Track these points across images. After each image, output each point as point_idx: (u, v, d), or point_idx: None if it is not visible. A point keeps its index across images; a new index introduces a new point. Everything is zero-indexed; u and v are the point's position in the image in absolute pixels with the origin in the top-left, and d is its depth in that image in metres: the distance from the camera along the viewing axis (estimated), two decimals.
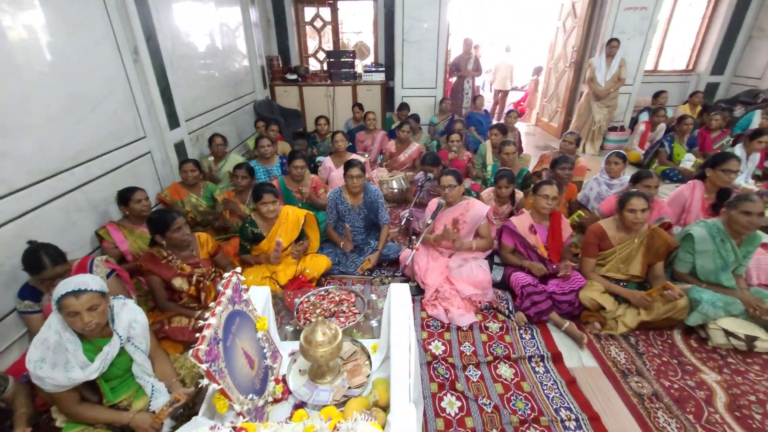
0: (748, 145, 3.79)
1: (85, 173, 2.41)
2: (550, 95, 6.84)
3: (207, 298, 2.27)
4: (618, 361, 2.06)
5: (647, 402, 1.82)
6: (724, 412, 1.77)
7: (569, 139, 3.73)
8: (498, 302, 2.47)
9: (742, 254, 2.23)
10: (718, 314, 2.11)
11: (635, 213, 2.22)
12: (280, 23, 6.31)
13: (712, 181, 2.69)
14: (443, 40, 5.59)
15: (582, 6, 5.69)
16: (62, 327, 1.47)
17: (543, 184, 2.48)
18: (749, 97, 5.89)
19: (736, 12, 6.09)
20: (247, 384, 1.21)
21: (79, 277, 1.47)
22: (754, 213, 2.08)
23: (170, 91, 3.22)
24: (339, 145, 3.71)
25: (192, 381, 1.77)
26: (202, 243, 2.33)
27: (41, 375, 1.41)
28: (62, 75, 2.27)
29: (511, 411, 1.78)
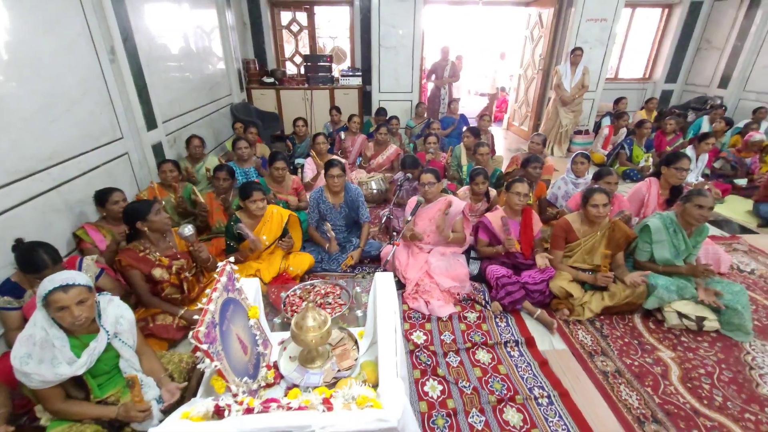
0: (697, 146, 4.14)
1: (61, 173, 2.37)
2: (520, 101, 7.15)
3: (191, 292, 2.28)
4: (585, 343, 2.23)
5: (611, 378, 1.99)
6: (677, 384, 1.95)
7: (536, 141, 3.96)
8: (475, 294, 2.60)
9: (692, 244, 2.46)
10: (672, 298, 2.32)
11: (597, 207, 2.41)
12: (256, 26, 6.32)
13: (666, 178, 2.93)
14: (418, 46, 5.77)
15: (548, 16, 6.02)
16: (48, 323, 1.47)
17: (515, 181, 2.65)
18: (699, 103, 6.39)
19: (686, 25, 6.60)
20: (241, 368, 1.27)
21: (65, 273, 1.48)
22: (705, 206, 2.30)
23: (147, 92, 3.20)
24: (320, 147, 3.77)
25: (180, 376, 1.80)
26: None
27: (27, 371, 1.40)
28: (37, 74, 2.24)
29: (489, 392, 1.90)
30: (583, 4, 5.49)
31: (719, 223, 3.78)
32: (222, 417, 0.84)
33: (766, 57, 5.68)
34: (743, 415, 1.79)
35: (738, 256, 3.16)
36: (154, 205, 2.14)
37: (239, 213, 2.62)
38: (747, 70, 5.92)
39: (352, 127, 4.76)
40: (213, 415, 0.85)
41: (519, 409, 1.81)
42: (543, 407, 1.82)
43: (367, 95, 6.41)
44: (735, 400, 1.87)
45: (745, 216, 3.91)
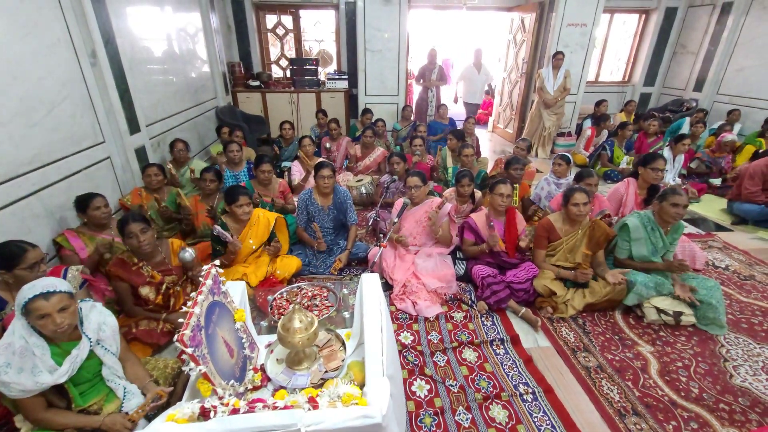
0: (674, 147, 4.27)
1: (41, 178, 2.33)
2: (504, 104, 7.26)
3: (176, 304, 2.26)
4: (568, 340, 2.28)
5: (593, 373, 2.04)
6: (656, 378, 2.02)
7: (521, 146, 4.05)
8: (461, 294, 2.64)
9: (669, 241, 2.55)
10: (650, 294, 2.40)
11: (578, 206, 2.48)
12: (241, 30, 6.29)
13: (644, 178, 3.03)
14: (404, 50, 5.82)
15: (530, 21, 6.15)
16: (27, 332, 1.44)
17: (498, 183, 2.70)
18: (676, 106, 6.60)
19: (662, 30, 6.82)
20: (227, 371, 1.27)
21: (45, 280, 1.45)
22: (680, 204, 2.39)
23: (130, 95, 3.16)
24: (307, 149, 3.78)
25: (166, 381, 1.78)
26: (175, 250, 2.32)
27: (6, 380, 1.38)
28: (15, 77, 2.19)
29: (475, 389, 1.93)
30: (564, 9, 5.63)
31: (695, 221, 3.91)
32: (208, 418, 0.84)
33: (737, 61, 5.91)
34: (718, 405, 1.86)
35: (713, 252, 3.27)
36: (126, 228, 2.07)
37: (225, 217, 2.60)
38: (720, 73, 6.14)
39: (332, 132, 4.75)
40: (199, 417, 0.86)
41: (504, 406, 1.84)
42: (528, 403, 1.86)
43: (353, 98, 6.42)
44: (710, 391, 1.93)
45: (719, 214, 4.05)
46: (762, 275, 2.94)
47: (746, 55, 5.78)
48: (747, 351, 2.19)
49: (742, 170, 3.90)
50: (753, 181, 3.78)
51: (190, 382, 1.23)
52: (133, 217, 2.12)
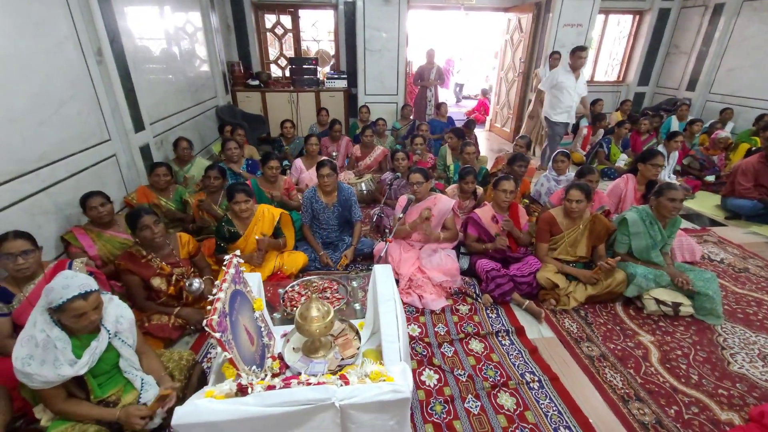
0: (667, 145, 4.37)
1: (50, 175, 2.34)
2: (501, 103, 7.35)
3: (189, 296, 2.28)
4: (571, 330, 2.34)
5: (596, 362, 2.10)
6: (657, 366, 2.08)
7: (520, 143, 4.12)
8: (466, 287, 2.69)
9: (667, 234, 2.62)
10: (650, 286, 2.47)
11: (571, 202, 2.55)
12: (241, 29, 6.30)
13: (643, 174, 3.10)
14: (403, 50, 5.87)
15: (527, 22, 6.23)
16: (49, 326, 1.47)
17: (502, 179, 2.76)
18: (669, 105, 6.71)
19: (656, 31, 6.94)
20: (249, 358, 1.30)
21: (76, 279, 1.46)
22: (677, 199, 2.46)
23: (135, 93, 3.18)
24: (312, 148, 3.82)
25: (180, 373, 1.80)
26: (183, 243, 2.35)
27: (29, 372, 1.40)
28: (25, 75, 2.21)
29: (483, 378, 1.98)
30: (560, 10, 5.71)
31: (690, 216, 4.00)
32: (245, 394, 0.88)
33: (729, 61, 6.03)
34: (717, 390, 1.92)
35: (708, 246, 3.35)
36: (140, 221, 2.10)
37: (230, 213, 2.63)
38: (712, 73, 6.27)
39: (334, 134, 4.76)
40: (236, 393, 0.90)
41: (512, 394, 1.89)
42: (534, 391, 1.91)
43: (352, 98, 6.46)
44: (709, 377, 2.00)
45: (714, 210, 4.14)
46: (756, 268, 3.03)
47: (737, 56, 5.90)
48: (743, 339, 2.27)
49: (735, 167, 4.00)
50: (745, 178, 3.88)
51: (214, 367, 1.26)
52: (145, 210, 2.15)
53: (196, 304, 2.33)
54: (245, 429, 0.84)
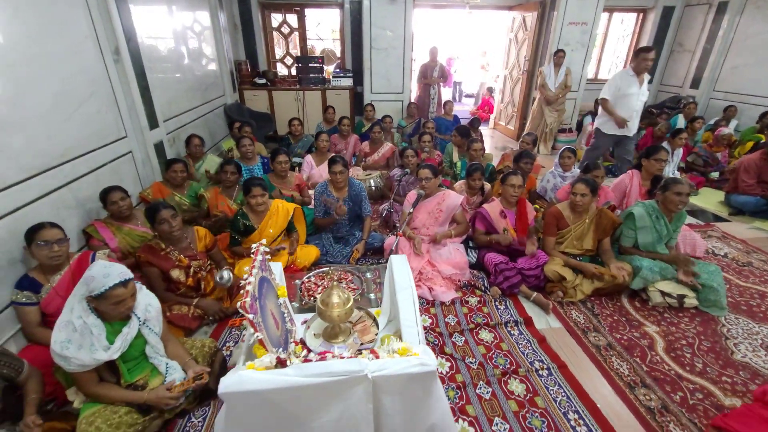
0: (671, 142, 4.41)
1: (72, 171, 2.41)
2: (506, 101, 7.39)
3: (206, 287, 2.36)
4: (578, 321, 2.40)
5: (603, 351, 2.16)
6: (662, 354, 2.14)
7: (527, 140, 4.18)
8: (475, 280, 2.75)
9: (673, 228, 2.68)
10: (655, 278, 2.53)
11: (576, 196, 2.61)
12: (247, 28, 6.36)
13: (647, 170, 3.16)
14: (408, 48, 5.93)
15: (531, 20, 6.27)
16: (86, 312, 1.55)
17: (509, 174, 2.82)
18: (673, 103, 6.74)
19: (660, 29, 6.96)
20: (275, 341, 1.37)
21: (114, 268, 1.55)
22: (683, 193, 2.52)
23: (149, 92, 3.25)
24: (323, 144, 3.89)
25: (204, 359, 1.88)
26: (201, 237, 2.42)
27: (67, 355, 1.47)
28: (49, 74, 2.28)
29: (493, 366, 2.05)
30: (565, 8, 5.76)
31: (695, 213, 4.05)
32: (285, 367, 0.95)
33: (733, 59, 6.06)
34: (721, 378, 1.98)
35: (712, 241, 3.41)
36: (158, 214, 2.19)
37: (245, 207, 2.71)
38: (716, 71, 6.30)
39: (343, 129, 4.84)
40: (276, 366, 0.96)
41: (522, 380, 1.96)
42: (543, 378, 1.98)
43: (358, 96, 6.52)
44: (713, 365, 2.06)
45: (717, 206, 4.19)
46: (759, 262, 3.08)
47: (741, 54, 5.93)
48: (746, 330, 2.33)
49: (737, 164, 4.05)
50: (748, 174, 3.93)
51: (245, 348, 1.32)
52: (163, 204, 2.23)
53: (213, 296, 2.40)
54: (284, 398, 0.91)
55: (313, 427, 0.94)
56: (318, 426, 0.94)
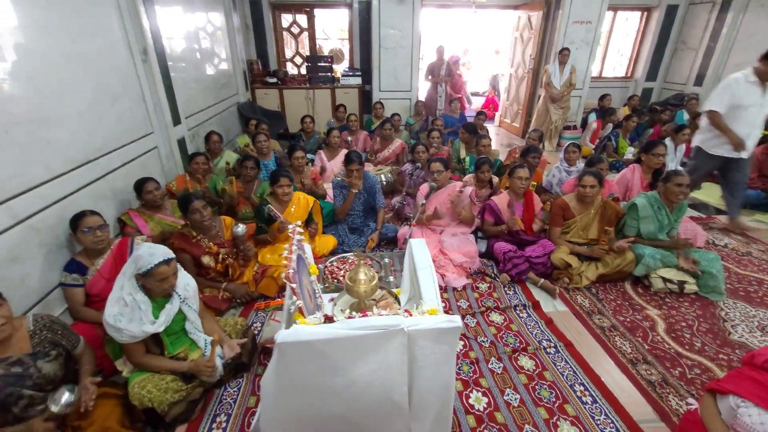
0: (674, 138, 4.52)
1: (107, 164, 2.58)
2: (511, 98, 7.51)
3: (234, 273, 2.52)
4: (583, 305, 2.54)
5: (607, 332, 2.30)
6: (663, 335, 2.28)
7: (533, 136, 4.32)
8: (484, 267, 2.90)
9: (674, 218, 2.81)
10: (657, 265, 2.66)
11: (585, 188, 2.75)
12: (259, 28, 6.53)
13: (647, 164, 3.28)
14: (416, 47, 6.07)
15: (536, 19, 6.39)
16: (135, 290, 1.71)
17: (517, 167, 2.96)
18: (677, 100, 6.83)
19: (663, 27, 7.06)
20: (311, 311, 1.52)
21: (159, 248, 1.71)
22: (683, 184, 2.64)
23: (173, 90, 3.42)
24: (335, 140, 4.04)
25: (237, 335, 2.04)
26: (227, 225, 2.59)
27: (120, 327, 1.64)
28: (87, 73, 2.44)
29: (504, 344, 2.19)
30: (570, 7, 5.87)
31: (697, 206, 4.17)
32: (332, 322, 1.10)
33: (736, 56, 6.15)
34: (718, 356, 2.12)
35: (713, 233, 3.53)
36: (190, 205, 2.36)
37: (269, 197, 2.86)
38: (720, 68, 6.39)
39: (351, 125, 4.99)
40: (324, 321, 1.11)
41: (531, 357, 2.10)
42: (551, 355, 2.12)
43: (366, 94, 6.67)
44: (711, 345, 2.20)
45: (719, 200, 4.28)
46: (758, 252, 3.20)
47: (744, 51, 6.02)
48: (744, 314, 2.46)
49: None
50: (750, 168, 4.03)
51: (286, 315, 1.47)
52: (195, 195, 2.39)
53: (240, 279, 2.56)
54: (331, 348, 1.05)
55: (354, 376, 1.09)
56: (358, 375, 1.09)
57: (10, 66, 1.89)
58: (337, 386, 1.11)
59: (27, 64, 1.98)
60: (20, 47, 1.95)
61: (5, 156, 1.82)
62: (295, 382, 1.14)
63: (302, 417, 1.21)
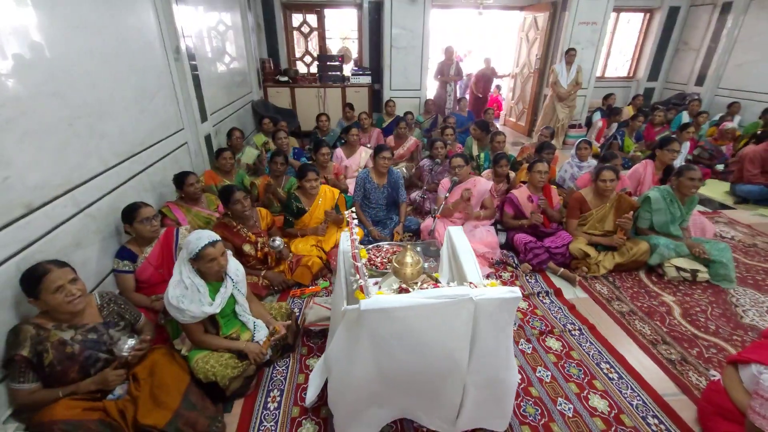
0: (679, 135, 4.68)
1: (148, 158, 2.69)
2: (517, 98, 7.66)
3: (271, 261, 2.64)
4: (602, 292, 2.68)
5: (627, 316, 2.44)
6: (680, 319, 2.42)
7: (545, 133, 4.48)
8: (506, 258, 3.03)
9: (686, 211, 2.95)
10: (671, 255, 2.80)
11: (605, 182, 2.88)
12: (270, 28, 6.63)
13: (660, 159, 3.43)
14: (426, 47, 6.20)
15: (543, 19, 6.54)
16: (192, 274, 1.83)
17: (536, 162, 3.09)
18: (679, 100, 7.00)
19: (665, 28, 7.23)
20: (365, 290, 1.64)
21: (205, 233, 1.84)
22: (696, 178, 2.79)
23: (201, 87, 3.52)
24: (353, 138, 4.17)
25: (282, 318, 2.16)
26: (263, 216, 2.71)
27: (183, 307, 1.75)
28: (130, 70, 2.54)
29: (531, 328, 2.32)
30: (576, 8, 6.01)
31: (702, 202, 4.32)
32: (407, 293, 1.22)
33: (736, 57, 6.33)
34: (732, 337, 2.26)
35: (720, 226, 3.68)
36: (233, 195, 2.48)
37: (297, 192, 2.98)
38: (720, 68, 6.57)
39: (364, 123, 5.11)
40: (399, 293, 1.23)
41: (557, 339, 2.24)
42: (576, 337, 2.26)
43: (376, 93, 6.79)
44: (725, 327, 2.34)
45: (723, 196, 4.47)
46: (764, 244, 3.36)
47: (745, 52, 6.20)
48: (753, 300, 2.60)
49: (743, 155, 4.32)
50: (753, 165, 4.20)
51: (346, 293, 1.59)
52: (236, 187, 2.51)
53: (277, 268, 2.68)
54: (407, 315, 1.17)
55: (425, 339, 1.22)
56: (429, 337, 1.21)
57: (72, 63, 2.00)
58: (408, 347, 1.24)
59: (85, 61, 2.09)
60: (77, 45, 2.06)
61: (71, 148, 1.93)
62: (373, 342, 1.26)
63: (371, 377, 1.33)
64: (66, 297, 1.55)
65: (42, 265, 1.54)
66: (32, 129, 1.70)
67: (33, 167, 1.71)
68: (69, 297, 1.56)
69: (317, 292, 2.63)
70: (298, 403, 1.84)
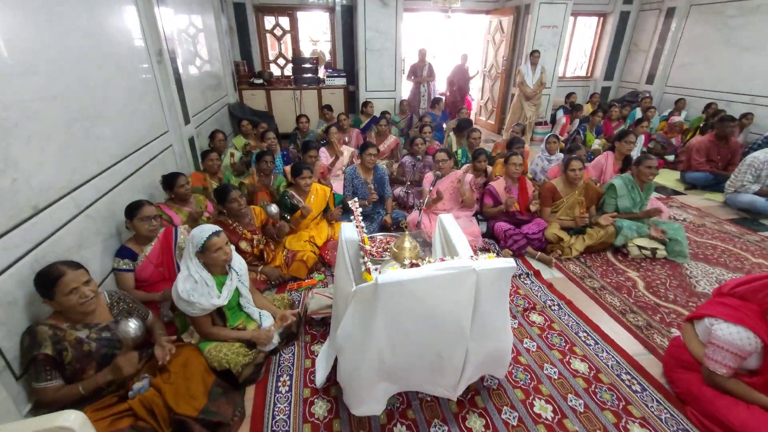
0: (635, 129, 5.12)
1: (138, 159, 2.69)
2: (485, 98, 8.01)
3: (268, 257, 2.71)
4: (575, 272, 2.94)
5: (598, 291, 2.71)
6: (643, 291, 2.71)
7: (516, 130, 4.76)
8: (488, 245, 3.25)
9: (644, 196, 3.28)
10: (633, 235, 3.11)
11: (575, 171, 3.16)
12: (243, 31, 6.62)
13: (619, 150, 3.78)
14: (400, 48, 6.39)
15: (507, 23, 6.90)
16: (200, 268, 1.91)
17: (512, 155, 3.34)
18: (632, 97, 7.58)
19: (618, 31, 7.80)
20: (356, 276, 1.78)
21: (205, 225, 1.93)
22: (653, 166, 3.11)
23: (183, 90, 3.53)
24: (334, 137, 4.28)
25: (284, 308, 2.26)
26: (257, 214, 2.78)
27: (193, 300, 1.82)
28: (120, 73, 2.55)
29: (515, 305, 2.54)
30: (538, 12, 6.40)
31: (657, 189, 4.75)
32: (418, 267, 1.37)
33: (680, 58, 6.94)
34: (688, 303, 2.57)
35: (673, 210, 4.09)
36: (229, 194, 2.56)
37: (291, 188, 3.07)
38: (667, 68, 7.17)
39: (343, 124, 5.23)
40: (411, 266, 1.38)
41: (540, 314, 2.46)
42: (556, 311, 2.49)
43: (351, 94, 6.92)
44: (682, 296, 2.65)
45: (675, 183, 4.93)
46: (711, 224, 3.76)
47: (687, 53, 6.81)
48: (704, 271, 2.94)
49: (690, 146, 4.79)
50: (699, 154, 4.67)
51: (354, 275, 1.72)
52: (232, 186, 2.58)
53: (273, 264, 2.76)
54: (419, 286, 1.32)
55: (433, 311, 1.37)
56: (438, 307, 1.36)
57: (68, 66, 2.01)
58: (419, 318, 1.39)
59: (80, 64, 2.10)
60: (73, 48, 2.07)
61: (70, 149, 1.94)
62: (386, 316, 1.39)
63: (383, 352, 1.47)
64: (80, 299, 1.58)
65: (57, 267, 1.57)
66: (36, 132, 1.72)
67: (38, 169, 1.73)
68: (83, 299, 1.59)
69: (313, 285, 2.73)
70: (308, 385, 1.95)
